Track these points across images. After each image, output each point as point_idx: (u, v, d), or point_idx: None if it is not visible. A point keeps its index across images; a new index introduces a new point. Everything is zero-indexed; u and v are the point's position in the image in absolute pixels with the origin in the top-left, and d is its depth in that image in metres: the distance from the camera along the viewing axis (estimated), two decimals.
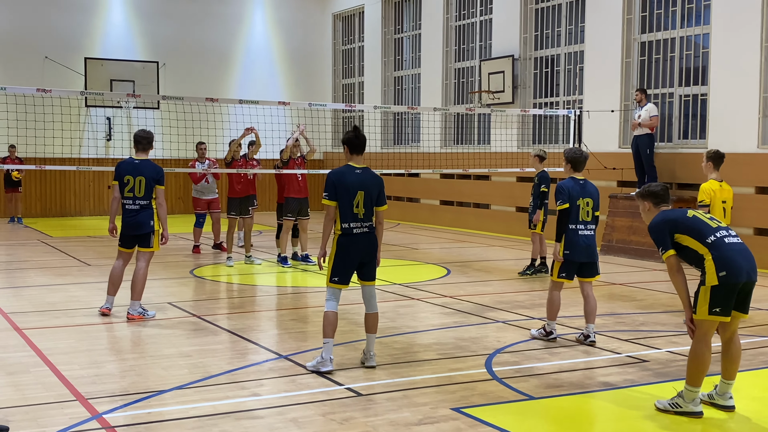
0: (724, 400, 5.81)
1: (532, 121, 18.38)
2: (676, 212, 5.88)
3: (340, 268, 6.82)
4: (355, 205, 6.75)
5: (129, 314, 8.82)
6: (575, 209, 7.77)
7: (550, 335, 7.91)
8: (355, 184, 6.76)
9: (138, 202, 8.83)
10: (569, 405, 6.04)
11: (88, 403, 5.88)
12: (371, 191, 6.83)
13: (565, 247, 7.77)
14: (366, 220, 6.84)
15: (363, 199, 6.77)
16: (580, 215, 7.79)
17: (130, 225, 8.87)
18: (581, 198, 7.81)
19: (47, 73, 21.22)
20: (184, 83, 22.41)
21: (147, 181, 8.82)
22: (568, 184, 7.83)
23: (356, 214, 6.78)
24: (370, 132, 22.17)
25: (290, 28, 24.74)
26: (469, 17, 20.03)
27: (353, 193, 6.75)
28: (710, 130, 14.18)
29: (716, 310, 5.58)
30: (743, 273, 5.59)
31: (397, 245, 16.36)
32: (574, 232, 7.78)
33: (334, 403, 5.93)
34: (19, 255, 14.49)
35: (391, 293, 10.70)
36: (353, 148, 6.88)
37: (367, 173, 6.88)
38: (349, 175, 6.79)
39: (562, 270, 7.85)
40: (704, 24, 14.56)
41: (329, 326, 6.78)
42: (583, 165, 8.05)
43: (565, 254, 7.77)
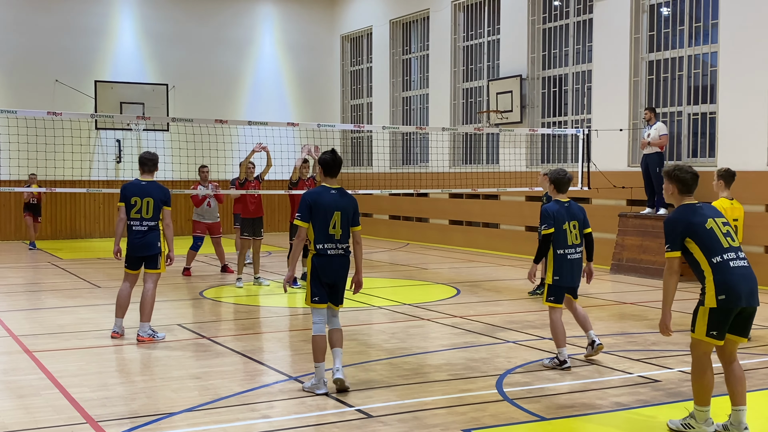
0: (738, 430, 5.65)
1: (541, 141, 18.39)
2: (696, 216, 5.62)
3: (317, 289, 6.80)
4: (332, 225, 6.74)
5: (139, 336, 8.81)
6: (562, 234, 7.67)
7: (564, 364, 7.57)
8: (331, 204, 6.75)
9: (146, 223, 8.84)
10: (581, 426, 6.00)
11: (98, 425, 5.87)
12: (347, 211, 6.81)
13: (554, 272, 7.65)
14: (342, 242, 6.81)
15: (340, 219, 6.76)
16: (568, 239, 7.68)
17: (137, 246, 8.86)
18: (567, 222, 7.70)
19: (58, 96, 21.37)
20: (194, 105, 22.52)
21: (155, 202, 8.86)
22: (553, 208, 7.72)
23: (332, 235, 6.75)
24: (379, 152, 22.27)
25: (299, 50, 24.88)
26: (477, 38, 20.10)
27: (330, 213, 6.74)
28: (719, 148, 14.16)
29: (713, 333, 5.51)
30: (742, 299, 5.49)
31: (406, 265, 16.34)
32: (563, 257, 7.65)
33: (345, 424, 5.90)
34: (29, 277, 14.54)
35: (401, 314, 10.67)
36: (327, 169, 6.88)
37: (344, 194, 6.87)
38: (325, 195, 6.78)
39: (550, 294, 7.71)
40: (712, 42, 14.57)
41: (318, 351, 6.76)
42: (567, 186, 7.94)
43: (555, 280, 7.64)
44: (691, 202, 5.76)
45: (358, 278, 6.98)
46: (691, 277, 14.18)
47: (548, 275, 7.72)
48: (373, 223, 23.29)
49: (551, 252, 7.68)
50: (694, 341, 5.63)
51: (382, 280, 14.16)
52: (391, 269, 15.79)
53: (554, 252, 7.66)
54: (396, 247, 20.25)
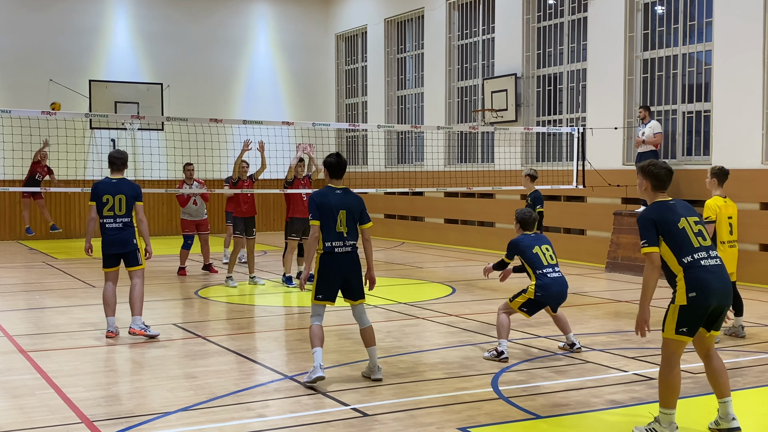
0: (728, 423, 5.61)
1: (536, 139, 18.40)
2: (669, 214, 5.56)
3: (323, 287, 7.07)
4: (339, 223, 7.01)
5: (131, 329, 8.87)
6: (535, 257, 8.01)
7: (502, 355, 7.84)
8: (337, 203, 7.04)
9: (120, 219, 8.91)
10: (576, 423, 6.01)
11: (93, 425, 5.86)
12: (353, 210, 7.09)
13: (537, 289, 7.92)
14: (349, 239, 7.07)
15: (345, 217, 7.02)
16: (544, 260, 8.01)
17: (112, 243, 8.92)
18: (537, 246, 8.07)
19: (52, 95, 21.31)
20: (189, 105, 22.49)
21: (127, 199, 8.93)
22: (519, 239, 8.16)
23: (340, 233, 7.02)
24: (374, 151, 22.27)
25: (294, 49, 24.86)
26: (472, 36, 20.11)
27: (336, 212, 7.02)
28: (714, 146, 14.19)
29: (683, 330, 5.45)
30: (714, 297, 5.42)
31: (401, 264, 16.34)
32: (543, 275, 7.97)
33: (340, 423, 5.91)
34: (23, 277, 14.51)
35: (397, 312, 10.68)
36: (333, 171, 7.20)
37: (348, 193, 7.18)
38: (331, 195, 7.09)
39: (526, 306, 8.01)
40: (706, 41, 14.60)
41: (315, 337, 7.03)
42: (533, 225, 8.30)
43: (537, 296, 7.92)
44: (665, 199, 5.69)
45: (371, 275, 7.30)
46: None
47: (530, 290, 7.98)
48: None
49: (531, 272, 8.02)
50: (665, 341, 5.55)
51: (378, 279, 14.10)
52: (387, 268, 15.80)
53: (534, 272, 7.98)
54: (391, 246, 20.25)
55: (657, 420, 5.60)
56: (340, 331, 9.39)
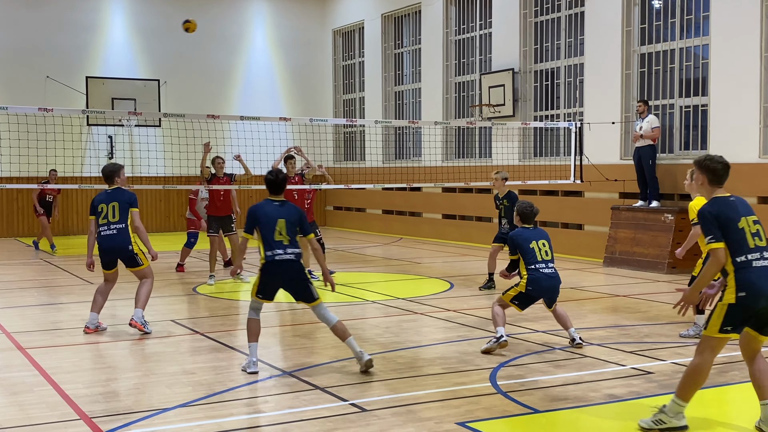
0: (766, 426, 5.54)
1: (533, 134, 18.41)
2: (730, 212, 5.44)
3: (263, 289, 7.37)
4: (278, 232, 7.26)
5: (131, 320, 8.93)
6: (530, 252, 8.06)
7: (501, 338, 7.93)
8: (275, 213, 7.34)
9: (114, 226, 8.89)
10: (574, 418, 6.02)
11: (92, 422, 5.86)
12: (292, 220, 7.35)
13: (528, 283, 8.00)
14: (291, 246, 7.31)
15: (285, 226, 7.28)
16: (539, 255, 8.05)
17: (107, 250, 8.95)
18: (534, 241, 8.10)
19: (49, 92, 21.29)
20: (186, 101, 22.46)
21: (121, 205, 8.91)
22: (518, 232, 8.23)
23: (280, 241, 7.26)
24: (372, 147, 22.26)
25: (291, 44, 24.84)
26: (469, 31, 20.09)
27: (274, 222, 7.28)
28: (711, 140, 14.19)
29: (727, 328, 5.40)
30: (763, 298, 5.33)
31: (399, 260, 16.35)
32: (535, 270, 8.02)
33: (338, 418, 5.91)
34: (22, 274, 14.50)
35: (395, 308, 10.69)
36: (271, 188, 7.55)
37: (286, 205, 7.48)
38: (268, 206, 7.41)
39: (518, 299, 8.09)
40: (703, 35, 14.59)
41: (250, 333, 7.33)
42: (533, 219, 8.34)
43: (528, 290, 8.01)
44: (724, 195, 5.56)
45: (327, 278, 7.61)
46: (686, 269, 14.14)
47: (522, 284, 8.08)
48: (366, 218, 23.30)
49: (524, 268, 8.08)
50: (706, 337, 5.48)
51: (376, 274, 14.17)
52: (385, 264, 15.80)
53: (527, 267, 8.05)
54: (389, 241, 20.26)
55: (663, 410, 5.59)
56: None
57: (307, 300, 7.38)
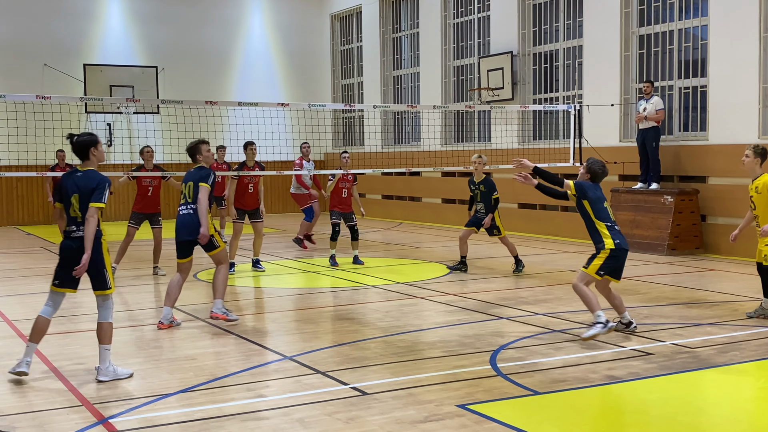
0: None
1: (532, 117, 18.38)
2: None
3: (59, 272, 6.78)
4: (72, 208, 6.69)
5: (212, 312, 8.75)
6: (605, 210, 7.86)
7: (608, 323, 7.59)
8: (71, 187, 6.68)
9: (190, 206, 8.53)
10: (574, 399, 6.04)
11: (93, 408, 5.88)
12: (85, 194, 6.62)
13: (613, 238, 7.76)
14: (83, 224, 6.64)
15: (78, 202, 6.65)
16: (611, 215, 7.91)
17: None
18: (605, 201, 7.99)
19: (46, 80, 21.25)
20: (184, 87, 22.42)
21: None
22: (591, 186, 7.94)
23: (74, 218, 6.68)
24: (371, 132, 22.23)
25: (288, 29, 24.76)
26: (467, 14, 20.02)
27: (69, 195, 6.67)
28: (711, 121, 14.17)
29: None
30: None
31: (399, 244, 16.36)
32: (612, 227, 7.79)
33: (340, 402, 5.93)
34: (22, 262, 14.51)
35: (395, 292, 10.70)
36: (74, 153, 6.86)
37: (85, 176, 6.70)
38: (69, 178, 6.75)
39: (604, 267, 7.76)
40: (702, 15, 14.54)
41: (33, 331, 6.75)
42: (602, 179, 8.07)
43: (616, 246, 7.73)
44: None
45: (84, 259, 6.58)
46: (686, 250, 14.16)
47: (607, 240, 7.72)
48: (365, 203, 23.24)
49: (600, 223, 7.78)
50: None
51: (376, 259, 14.18)
52: (385, 248, 15.81)
53: (603, 223, 7.77)
54: (389, 226, 20.26)
55: None
56: (337, 312, 9.41)
57: (97, 287, 6.79)
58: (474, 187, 12.46)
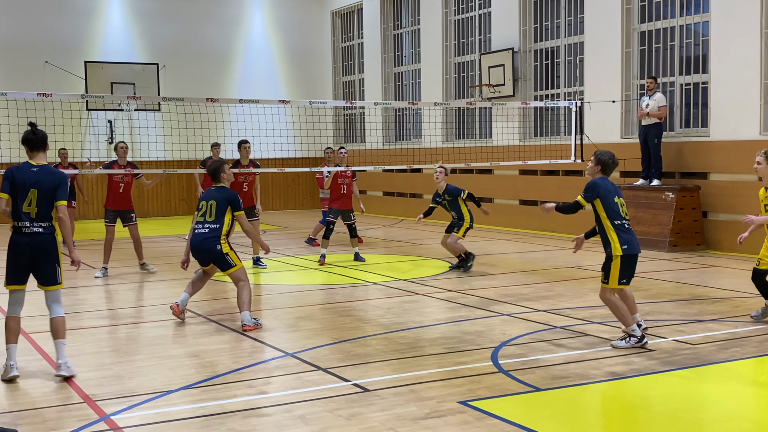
0: None
1: (534, 114, 18.37)
2: None
3: (9, 269, 6.68)
4: (27, 203, 6.56)
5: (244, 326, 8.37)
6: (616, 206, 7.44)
7: (642, 340, 7.27)
8: (28, 182, 6.59)
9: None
10: (576, 395, 6.04)
11: (96, 405, 5.89)
12: (46, 190, 6.58)
13: (621, 242, 7.43)
14: (38, 220, 6.58)
15: (36, 197, 6.57)
16: (622, 212, 7.50)
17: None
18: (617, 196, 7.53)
19: (48, 77, 21.24)
20: (185, 84, 22.42)
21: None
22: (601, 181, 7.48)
23: (27, 213, 6.56)
24: (372, 129, 22.23)
25: (289, 26, 24.74)
26: (468, 11, 20.01)
27: (26, 190, 6.56)
28: (712, 118, 14.16)
29: None
30: None
31: (400, 241, 16.36)
32: (621, 226, 7.46)
33: (341, 399, 5.94)
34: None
35: (396, 289, 10.71)
36: (31, 146, 6.82)
37: (44, 171, 6.67)
38: (26, 171, 6.65)
39: (623, 275, 7.49)
40: (703, 12, 14.53)
41: (7, 332, 6.71)
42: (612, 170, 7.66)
43: (624, 249, 7.43)
44: None
45: (72, 256, 6.81)
46: (687, 246, 14.12)
47: (615, 246, 7.40)
48: (366, 200, 23.25)
49: (609, 224, 7.42)
50: None
51: (377, 256, 14.18)
52: (386, 245, 15.82)
53: (612, 223, 7.42)
54: (390, 223, 20.27)
55: None
56: (339, 309, 9.42)
57: (48, 283, 6.73)
58: (440, 199, 12.34)
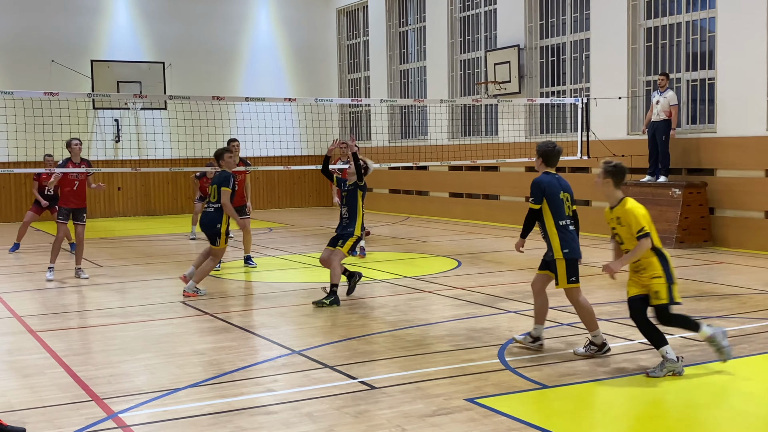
0: None
1: (540, 111, 18.34)
2: None
3: None
4: None
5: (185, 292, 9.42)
6: (561, 202, 7.24)
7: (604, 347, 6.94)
8: None
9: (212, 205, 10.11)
10: (583, 393, 6.04)
11: (103, 402, 5.91)
12: None
13: (563, 245, 7.07)
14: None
15: None
16: (567, 210, 7.28)
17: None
18: (562, 191, 7.25)
19: (54, 76, 21.29)
20: (191, 83, 22.44)
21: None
22: (545, 178, 7.18)
23: None
24: (377, 126, 22.22)
25: (295, 24, 24.75)
26: (474, 8, 19.98)
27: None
28: (719, 114, 14.12)
29: None
30: None
31: (407, 238, 16.36)
32: (566, 228, 7.17)
33: (348, 396, 5.94)
34: (31, 258, 14.56)
35: (403, 286, 10.71)
36: None
37: None
38: None
39: (573, 274, 7.08)
40: (710, 8, 14.48)
41: None
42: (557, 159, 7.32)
43: (565, 253, 7.04)
44: None
45: None
46: (694, 243, 14.11)
47: (556, 250, 7.06)
48: (373, 197, 23.28)
49: (552, 224, 7.14)
50: None
51: (383, 253, 14.19)
52: (392, 243, 15.82)
53: (556, 224, 7.14)
54: (396, 220, 20.27)
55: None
56: (345, 306, 9.42)
57: None
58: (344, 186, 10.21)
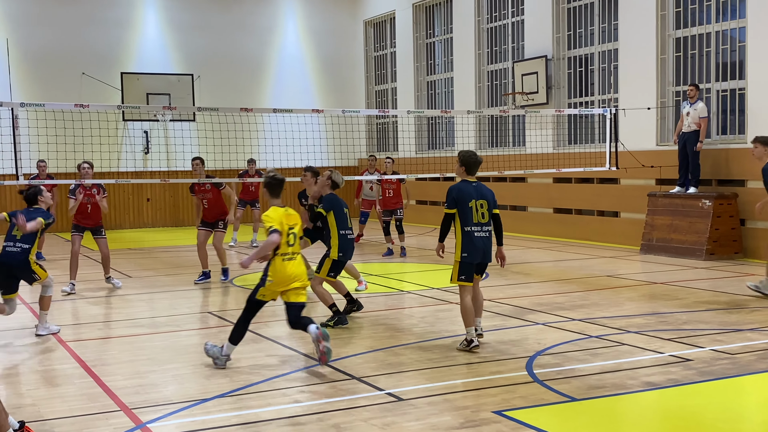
0: None
1: (568, 122, 18.26)
2: None
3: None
4: None
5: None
6: (470, 211, 7.66)
7: (471, 344, 7.56)
8: None
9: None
10: (612, 406, 5.97)
11: (132, 413, 5.94)
12: None
13: (463, 248, 7.75)
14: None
15: None
16: (475, 217, 7.69)
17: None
18: (474, 199, 7.69)
19: (84, 88, 21.54)
20: (219, 94, 22.62)
21: None
22: (459, 186, 7.73)
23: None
24: (404, 137, 22.23)
25: (322, 36, 24.87)
26: (501, 19, 19.96)
27: None
28: (749, 124, 13.97)
29: None
30: None
31: (434, 250, 16.29)
32: (470, 233, 7.73)
33: (375, 408, 5.93)
34: (61, 269, 14.70)
35: (430, 298, 10.68)
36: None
37: None
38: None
39: (463, 273, 7.79)
40: (740, 18, 14.35)
41: None
42: (476, 168, 7.83)
43: (464, 257, 7.75)
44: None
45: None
46: (725, 255, 13.95)
47: (457, 252, 7.78)
48: None
49: (459, 229, 7.75)
50: None
51: (411, 264, 14.16)
52: (420, 254, 15.79)
53: (462, 229, 7.72)
54: (424, 232, 20.23)
55: None
56: (373, 318, 9.41)
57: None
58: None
